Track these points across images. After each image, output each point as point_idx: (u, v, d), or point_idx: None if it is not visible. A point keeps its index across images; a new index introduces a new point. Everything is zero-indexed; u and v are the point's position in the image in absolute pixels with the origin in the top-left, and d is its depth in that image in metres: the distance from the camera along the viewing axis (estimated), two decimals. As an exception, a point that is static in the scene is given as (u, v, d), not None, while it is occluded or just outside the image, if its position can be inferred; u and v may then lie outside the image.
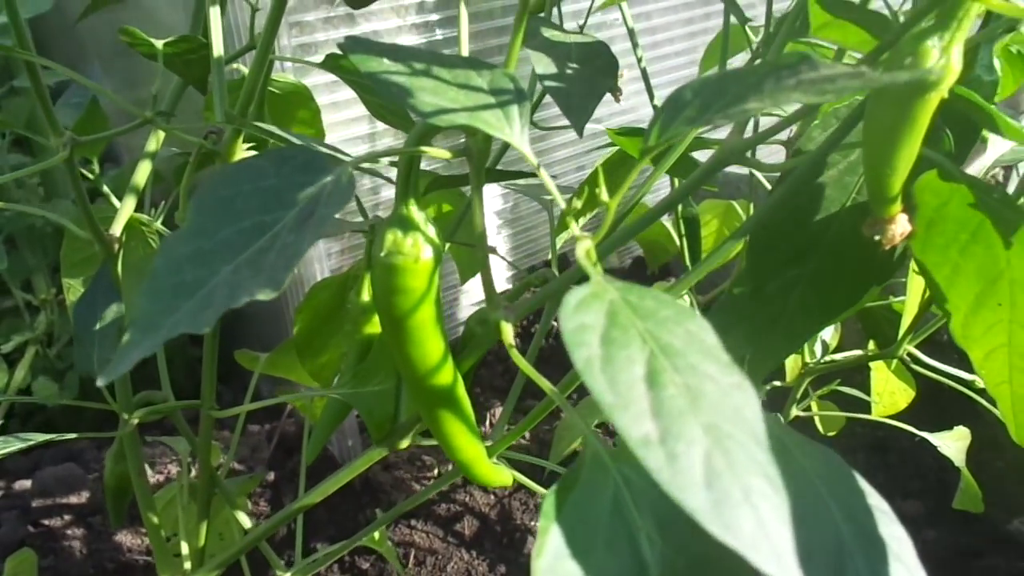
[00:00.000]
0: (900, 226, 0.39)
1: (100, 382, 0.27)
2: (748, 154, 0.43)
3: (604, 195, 0.33)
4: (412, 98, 0.34)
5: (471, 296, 1.54)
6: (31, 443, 0.68)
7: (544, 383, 0.41)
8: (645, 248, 1.37)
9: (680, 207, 1.05)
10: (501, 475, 0.58)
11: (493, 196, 1.49)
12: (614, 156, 0.86)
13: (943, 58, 0.33)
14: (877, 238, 0.40)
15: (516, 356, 0.41)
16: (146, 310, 0.29)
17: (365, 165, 0.39)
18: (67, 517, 1.13)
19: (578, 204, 0.33)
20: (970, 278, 0.45)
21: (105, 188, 0.72)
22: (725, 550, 0.26)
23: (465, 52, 0.44)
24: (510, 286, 1.61)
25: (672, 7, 1.45)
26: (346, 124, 1.20)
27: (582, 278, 0.42)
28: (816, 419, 1.10)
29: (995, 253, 0.44)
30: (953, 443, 1.03)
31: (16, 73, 1.23)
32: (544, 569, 0.28)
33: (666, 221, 1.28)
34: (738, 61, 0.87)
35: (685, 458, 0.24)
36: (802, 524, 0.25)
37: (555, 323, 1.39)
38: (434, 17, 1.20)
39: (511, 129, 0.34)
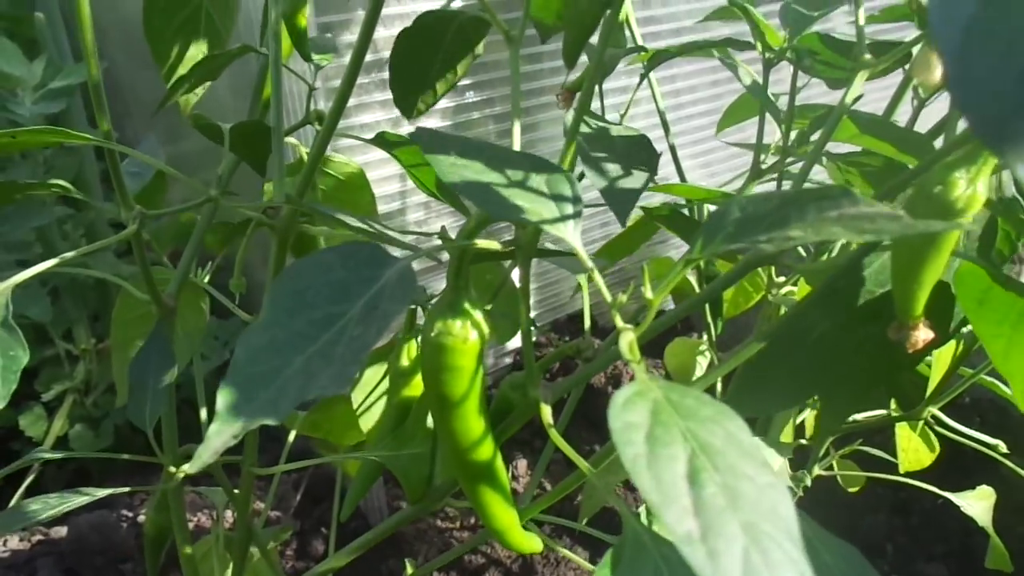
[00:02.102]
0: (923, 332, 0.42)
1: (191, 469, 0.29)
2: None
3: (649, 292, 0.36)
4: (481, 199, 0.37)
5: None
6: (75, 504, 0.70)
7: (579, 460, 0.43)
8: (668, 304, 1.40)
9: (702, 265, 1.08)
10: (532, 542, 0.60)
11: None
12: (641, 218, 0.89)
13: (969, 188, 0.36)
14: (901, 342, 0.42)
15: (555, 436, 0.43)
16: (228, 400, 0.32)
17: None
18: (100, 564, 1.15)
19: (623, 299, 0.36)
20: None
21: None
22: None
23: (517, 146, 0.47)
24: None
25: (697, 71, 1.48)
26: (377, 183, 1.23)
27: (618, 357, 0.44)
28: (838, 477, 1.11)
29: None
30: (976, 503, 1.02)
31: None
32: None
33: (690, 276, 1.31)
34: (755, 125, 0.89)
35: (725, 555, 0.26)
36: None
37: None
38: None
39: (565, 227, 0.37)
